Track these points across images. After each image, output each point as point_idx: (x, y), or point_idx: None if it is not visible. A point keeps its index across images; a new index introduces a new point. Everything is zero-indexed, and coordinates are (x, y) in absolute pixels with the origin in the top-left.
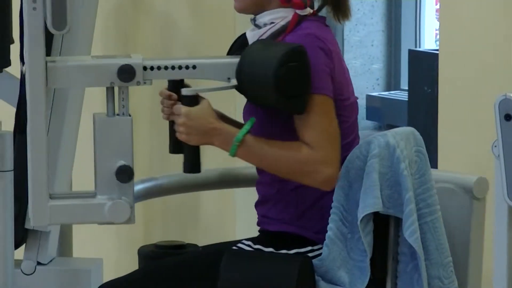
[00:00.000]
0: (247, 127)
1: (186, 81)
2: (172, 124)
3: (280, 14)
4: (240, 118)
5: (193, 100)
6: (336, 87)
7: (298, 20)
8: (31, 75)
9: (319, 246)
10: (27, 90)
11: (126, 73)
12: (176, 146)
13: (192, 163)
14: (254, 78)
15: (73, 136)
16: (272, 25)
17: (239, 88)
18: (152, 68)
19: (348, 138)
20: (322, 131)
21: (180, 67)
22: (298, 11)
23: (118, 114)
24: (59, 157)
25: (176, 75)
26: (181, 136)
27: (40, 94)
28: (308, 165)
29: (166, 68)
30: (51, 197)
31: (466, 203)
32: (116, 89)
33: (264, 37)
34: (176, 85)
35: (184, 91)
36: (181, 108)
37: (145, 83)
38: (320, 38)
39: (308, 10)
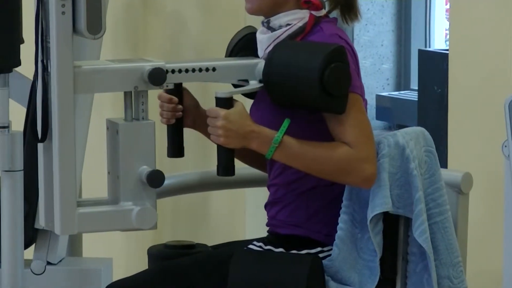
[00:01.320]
0: (284, 128)
1: (184, 84)
2: (172, 127)
3: (298, 16)
4: None
5: (229, 103)
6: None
7: (314, 22)
8: (59, 82)
9: (329, 247)
10: (54, 97)
11: (157, 76)
12: (175, 150)
13: (228, 166)
14: (290, 79)
15: (82, 141)
16: (289, 26)
17: (267, 88)
18: (173, 71)
19: None
20: (361, 130)
21: (200, 70)
22: (314, 12)
23: (135, 119)
24: None
25: (196, 77)
26: (219, 140)
27: (69, 101)
28: (350, 164)
29: (187, 71)
30: (78, 204)
31: (452, 198)
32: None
33: (281, 39)
34: (176, 89)
35: (220, 94)
36: (220, 111)
37: (167, 86)
38: (343, 38)
39: (323, 12)
